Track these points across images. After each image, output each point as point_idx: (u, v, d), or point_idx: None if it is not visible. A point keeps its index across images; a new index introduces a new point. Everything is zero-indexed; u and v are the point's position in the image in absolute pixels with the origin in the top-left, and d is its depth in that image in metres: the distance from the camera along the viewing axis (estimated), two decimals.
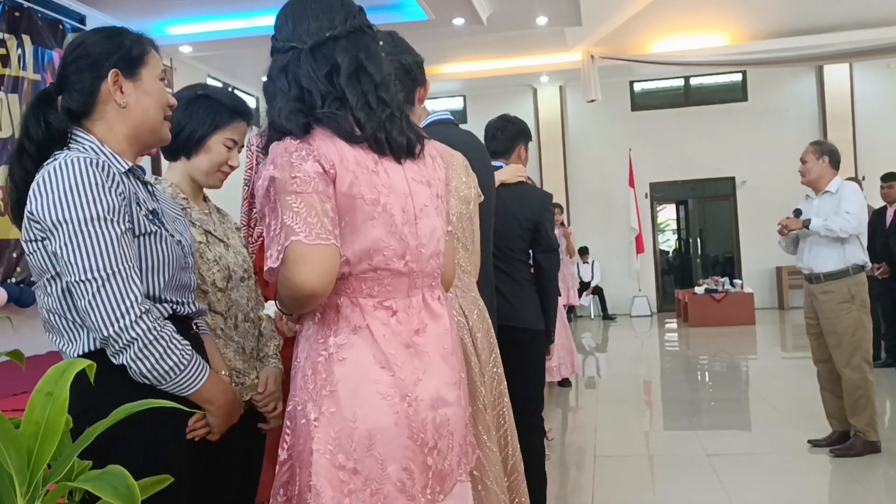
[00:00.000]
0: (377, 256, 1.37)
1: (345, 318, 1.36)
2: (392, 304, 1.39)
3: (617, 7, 9.65)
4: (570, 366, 4.76)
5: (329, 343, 1.35)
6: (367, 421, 1.31)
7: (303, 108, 1.37)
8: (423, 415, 1.37)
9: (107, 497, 0.95)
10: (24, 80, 5.88)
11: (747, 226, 12.40)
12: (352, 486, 1.30)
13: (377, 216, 1.36)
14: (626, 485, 3.80)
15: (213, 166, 1.86)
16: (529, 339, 2.80)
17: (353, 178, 1.34)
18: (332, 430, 1.31)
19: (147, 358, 1.37)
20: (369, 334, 1.35)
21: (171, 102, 1.57)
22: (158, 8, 7.39)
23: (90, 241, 1.35)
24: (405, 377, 1.36)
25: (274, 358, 1.94)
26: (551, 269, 2.93)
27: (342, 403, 1.31)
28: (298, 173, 1.30)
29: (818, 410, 4.26)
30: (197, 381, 1.43)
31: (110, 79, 1.47)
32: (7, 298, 5.47)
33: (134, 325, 1.35)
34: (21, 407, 1.09)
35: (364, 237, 1.35)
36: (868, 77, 11.85)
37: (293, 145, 1.33)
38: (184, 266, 1.55)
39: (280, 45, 1.43)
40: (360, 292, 1.37)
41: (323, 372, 1.34)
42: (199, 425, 1.52)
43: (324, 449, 1.30)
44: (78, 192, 1.35)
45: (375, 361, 1.34)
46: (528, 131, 3.23)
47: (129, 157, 1.52)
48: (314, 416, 1.32)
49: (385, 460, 1.32)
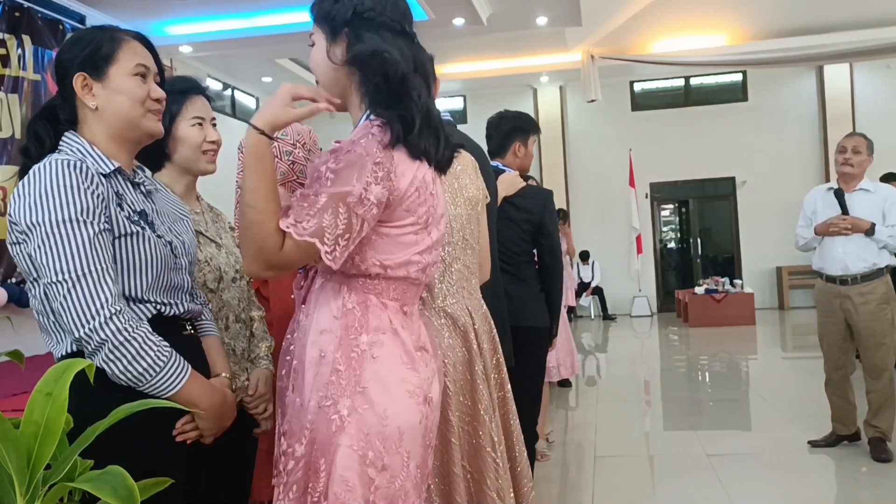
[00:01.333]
0: (413, 267, 1.41)
1: (375, 317, 1.38)
2: (408, 310, 1.44)
3: (617, 7, 9.64)
4: (570, 367, 4.75)
5: (361, 340, 1.36)
6: (397, 419, 1.34)
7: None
8: (433, 415, 1.43)
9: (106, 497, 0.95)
10: (24, 80, 5.88)
11: (747, 226, 12.40)
12: (378, 483, 1.31)
13: (420, 234, 1.41)
14: (626, 485, 3.79)
15: (195, 150, 1.84)
16: (533, 338, 2.78)
17: (415, 196, 1.38)
18: (364, 427, 1.31)
19: (119, 359, 1.35)
20: (396, 335, 1.39)
21: (155, 95, 1.53)
22: (158, 8, 7.39)
23: (61, 242, 1.34)
24: (425, 378, 1.40)
25: (265, 359, 1.93)
26: (555, 267, 2.91)
27: (374, 401, 1.33)
28: (361, 190, 1.29)
29: (818, 410, 4.25)
30: (175, 383, 1.41)
31: (77, 83, 1.48)
32: (7, 298, 5.47)
33: (104, 326, 1.34)
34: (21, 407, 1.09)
35: (406, 252, 1.39)
36: (868, 77, 11.85)
37: (378, 156, 1.32)
38: (173, 267, 1.53)
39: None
40: (388, 294, 1.40)
41: (356, 369, 1.34)
42: (188, 428, 1.49)
43: (356, 445, 1.30)
44: (50, 194, 1.35)
45: (402, 361, 1.38)
46: (525, 126, 3.08)
47: (121, 156, 1.51)
48: (346, 411, 1.31)
49: (410, 457, 1.35)
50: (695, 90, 12.71)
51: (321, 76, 1.46)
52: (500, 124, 3.03)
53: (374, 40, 1.38)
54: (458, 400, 1.88)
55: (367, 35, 1.38)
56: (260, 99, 12.01)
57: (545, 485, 3.81)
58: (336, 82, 1.44)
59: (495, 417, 1.95)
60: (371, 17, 1.39)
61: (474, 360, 1.91)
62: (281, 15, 7.79)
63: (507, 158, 3.04)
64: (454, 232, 2.00)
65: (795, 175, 12.15)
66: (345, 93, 1.44)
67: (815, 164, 12.15)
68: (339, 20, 1.40)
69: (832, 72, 11.85)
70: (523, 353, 2.71)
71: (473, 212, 2.07)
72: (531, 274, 2.87)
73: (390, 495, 1.32)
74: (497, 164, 2.98)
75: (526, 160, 3.11)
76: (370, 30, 1.39)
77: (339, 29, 1.40)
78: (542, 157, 12.52)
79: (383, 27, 1.39)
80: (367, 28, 1.39)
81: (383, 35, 1.39)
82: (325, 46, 1.43)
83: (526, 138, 3.07)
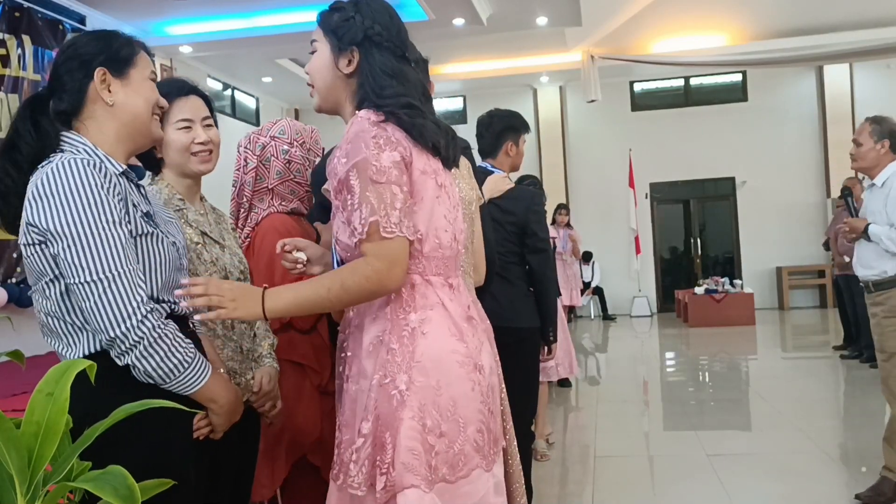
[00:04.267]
0: (442, 234, 1.52)
1: (421, 296, 1.48)
2: (452, 282, 1.55)
3: (617, 7, 9.64)
4: (567, 366, 4.75)
5: (410, 319, 1.46)
6: (450, 388, 1.44)
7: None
8: (487, 380, 1.52)
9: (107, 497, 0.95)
10: (23, 81, 5.88)
11: (747, 226, 12.40)
12: (437, 449, 1.41)
13: (441, 196, 1.52)
14: (627, 485, 3.79)
15: (182, 153, 1.83)
16: (520, 339, 2.74)
17: (426, 159, 1.51)
18: (421, 399, 1.41)
19: (152, 356, 1.37)
20: (444, 310, 1.49)
21: (162, 104, 1.59)
22: (158, 8, 7.39)
23: (95, 242, 1.35)
24: (474, 347, 1.50)
25: (268, 357, 1.94)
26: (541, 270, 2.86)
27: (429, 373, 1.43)
28: (375, 162, 1.41)
29: (818, 410, 4.25)
30: (200, 379, 1.44)
31: (97, 77, 1.48)
32: (7, 299, 5.47)
33: (140, 325, 1.36)
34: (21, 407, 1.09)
35: (433, 214, 1.50)
36: (868, 77, 11.85)
37: (373, 130, 1.44)
38: (178, 267, 1.55)
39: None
40: (431, 270, 1.51)
41: (409, 345, 1.44)
42: (202, 424, 1.53)
43: (417, 416, 1.40)
44: (79, 194, 1.35)
45: (451, 334, 1.48)
46: (517, 125, 3.03)
47: (119, 158, 1.52)
48: (404, 386, 1.41)
49: (466, 423, 1.45)
50: (695, 90, 12.70)
51: (319, 81, 1.59)
52: (492, 124, 3.00)
53: (384, 62, 1.53)
54: None
55: (378, 56, 1.53)
56: (260, 99, 12.01)
57: (545, 485, 3.81)
58: (334, 89, 1.58)
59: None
60: (379, 42, 1.53)
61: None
62: (281, 15, 7.79)
63: (499, 158, 3.00)
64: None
65: (795, 175, 12.16)
66: (340, 99, 1.59)
67: (816, 164, 12.15)
68: (348, 40, 1.54)
69: (832, 72, 11.85)
70: (512, 355, 2.69)
71: (467, 212, 2.08)
72: (518, 275, 2.84)
73: (450, 459, 1.43)
74: (486, 166, 2.95)
75: (517, 159, 3.07)
76: (382, 51, 1.53)
77: (346, 46, 1.54)
78: (542, 157, 12.52)
79: (387, 51, 1.54)
80: (377, 49, 1.53)
81: (391, 58, 1.53)
82: (329, 56, 1.56)
83: (517, 137, 3.04)
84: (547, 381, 4.60)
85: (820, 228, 11.61)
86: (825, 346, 8.25)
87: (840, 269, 7.20)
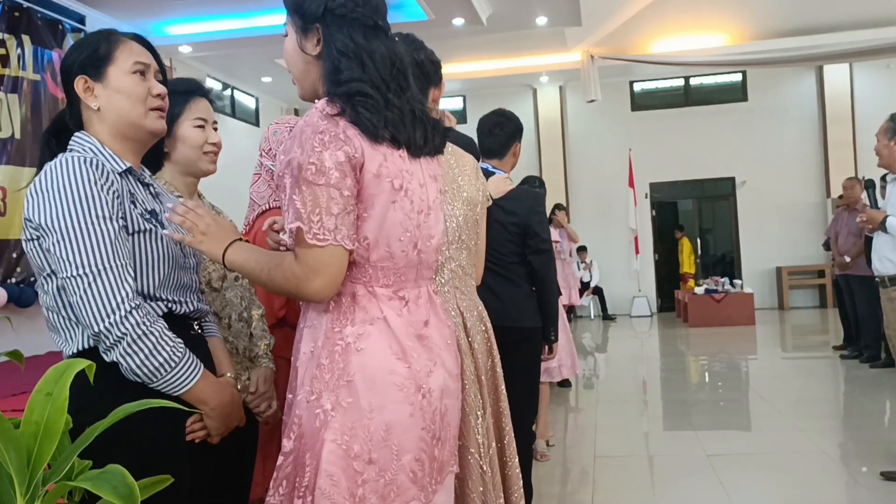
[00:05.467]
0: (394, 242, 1.36)
1: (361, 308, 1.34)
2: (405, 295, 1.39)
3: (617, 7, 9.64)
4: (570, 367, 4.75)
5: (345, 333, 1.33)
6: (383, 412, 1.31)
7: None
8: (434, 405, 1.38)
9: (107, 496, 0.95)
10: (23, 80, 5.88)
11: (747, 226, 12.40)
12: (366, 476, 1.29)
13: (399, 200, 1.35)
14: (627, 485, 3.79)
15: (195, 150, 1.84)
16: (522, 339, 2.75)
17: (382, 160, 1.33)
18: (349, 421, 1.29)
19: (137, 353, 1.35)
20: (386, 325, 1.34)
21: (156, 92, 1.54)
22: (158, 8, 7.39)
23: (83, 237, 1.35)
24: (420, 369, 1.36)
25: (265, 358, 1.94)
26: (543, 271, 2.86)
27: (359, 394, 1.30)
28: (315, 161, 1.27)
29: (818, 410, 4.25)
30: (189, 380, 1.41)
31: (79, 86, 1.49)
32: (7, 298, 5.47)
33: (124, 320, 1.35)
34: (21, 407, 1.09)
35: (385, 220, 1.34)
36: (868, 77, 11.85)
37: (321, 125, 1.30)
38: (182, 266, 1.55)
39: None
40: (377, 281, 1.36)
41: (340, 362, 1.31)
42: (197, 427, 1.49)
43: (340, 439, 1.29)
44: (71, 189, 1.36)
45: (392, 353, 1.34)
46: (521, 127, 3.11)
47: (128, 156, 1.53)
48: (329, 406, 1.30)
49: (400, 451, 1.32)
50: (695, 90, 12.71)
51: (292, 67, 1.46)
52: (505, 125, 3.01)
53: (343, 39, 1.37)
54: None
55: (338, 33, 1.37)
56: (259, 99, 12.01)
57: (545, 485, 3.81)
58: (307, 74, 1.43)
59: (485, 418, 1.93)
60: (343, 14, 1.37)
61: (463, 360, 1.89)
62: (281, 15, 7.69)
63: (506, 159, 3.02)
64: (450, 232, 1.99)
65: (795, 175, 12.16)
66: (316, 85, 1.43)
67: (816, 164, 12.15)
68: (310, 16, 1.39)
69: (832, 72, 11.85)
70: (514, 354, 2.69)
71: (472, 213, 2.06)
72: (520, 275, 2.84)
73: (380, 489, 1.30)
74: (487, 167, 2.96)
75: (516, 160, 3.11)
76: (342, 27, 1.37)
77: (310, 24, 1.40)
78: (542, 157, 12.53)
79: (355, 23, 1.37)
80: (338, 25, 1.37)
81: (355, 32, 1.37)
82: (295, 38, 1.42)
83: (521, 138, 3.10)
84: (548, 382, 4.60)
85: (820, 228, 11.61)
86: (825, 346, 8.25)
87: (840, 269, 7.20)
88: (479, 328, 2.03)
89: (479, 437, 1.88)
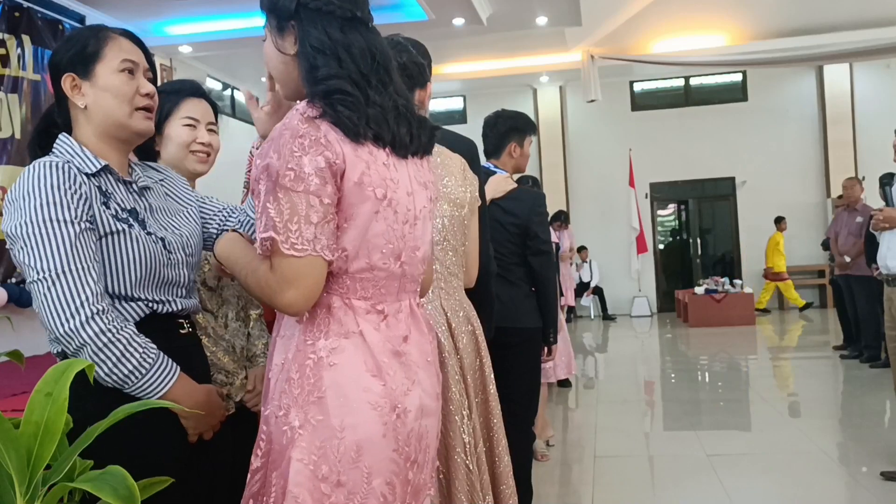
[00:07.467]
0: (375, 254, 1.28)
1: (337, 321, 1.27)
2: (384, 309, 1.32)
3: (617, 7, 9.65)
4: (565, 366, 4.75)
5: (318, 346, 1.25)
6: (355, 431, 1.23)
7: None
8: (409, 426, 1.30)
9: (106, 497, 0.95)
10: (23, 80, 5.88)
11: (747, 226, 12.40)
12: (333, 500, 1.22)
13: (382, 210, 1.28)
14: (627, 485, 3.79)
15: (182, 149, 1.83)
16: (522, 340, 2.74)
17: (364, 168, 1.25)
18: (317, 440, 1.22)
19: (104, 361, 1.33)
20: (362, 340, 1.27)
21: (144, 91, 1.50)
22: (158, 8, 7.39)
23: (42, 241, 1.34)
24: (396, 387, 1.28)
25: (262, 357, 1.93)
26: (543, 272, 2.84)
27: (330, 412, 1.22)
28: (294, 166, 1.20)
29: (818, 410, 4.25)
30: (163, 385, 1.38)
31: (66, 84, 1.47)
32: (7, 298, 5.46)
33: (85, 326, 1.32)
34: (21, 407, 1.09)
35: (367, 231, 1.27)
36: (868, 77, 11.85)
37: (301, 128, 1.22)
38: (167, 263, 1.49)
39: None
40: (354, 293, 1.29)
41: (311, 377, 1.24)
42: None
43: (307, 459, 1.21)
44: (31, 195, 1.35)
45: (366, 369, 1.26)
46: (522, 127, 3.04)
47: (111, 155, 1.50)
48: (297, 423, 1.22)
49: (371, 473, 1.24)
50: (695, 90, 12.71)
51: (273, 70, 1.40)
52: (497, 124, 3.00)
53: (317, 35, 1.29)
54: None
55: (312, 29, 1.29)
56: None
57: (545, 485, 3.81)
58: (287, 75, 1.36)
59: (471, 418, 1.92)
60: (317, 8, 1.29)
61: (447, 360, 1.89)
62: None
63: (502, 159, 3.01)
64: (436, 232, 1.97)
65: (795, 175, 12.16)
66: (298, 86, 1.35)
67: (815, 163, 12.15)
68: (284, 13, 1.32)
69: (832, 72, 11.85)
70: (514, 355, 2.69)
71: (458, 214, 2.03)
72: (520, 276, 2.83)
73: None
74: (489, 166, 2.95)
75: (521, 161, 3.07)
76: (316, 22, 1.29)
77: (285, 22, 1.33)
78: (542, 157, 12.52)
79: (330, 17, 1.30)
80: (312, 21, 1.30)
81: (331, 26, 1.29)
82: (272, 39, 1.36)
83: (522, 139, 3.04)
84: (546, 383, 4.60)
85: (820, 228, 11.61)
86: (825, 346, 8.25)
87: (840, 269, 7.20)
88: (465, 328, 2.01)
89: (466, 436, 1.87)
